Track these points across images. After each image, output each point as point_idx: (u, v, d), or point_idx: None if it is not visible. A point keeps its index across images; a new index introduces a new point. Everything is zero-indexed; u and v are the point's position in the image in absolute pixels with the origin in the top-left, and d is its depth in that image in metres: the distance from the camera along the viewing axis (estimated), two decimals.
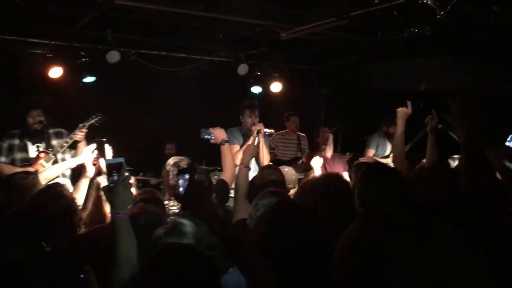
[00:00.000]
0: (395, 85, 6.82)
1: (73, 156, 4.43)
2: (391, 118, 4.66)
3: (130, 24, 5.28)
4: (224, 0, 4.61)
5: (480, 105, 2.35)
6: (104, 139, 3.42)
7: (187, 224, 1.97)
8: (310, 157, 5.08)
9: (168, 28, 5.47)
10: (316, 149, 5.97)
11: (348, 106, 6.87)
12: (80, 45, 5.69)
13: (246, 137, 4.80)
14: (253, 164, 4.41)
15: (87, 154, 3.56)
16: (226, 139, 3.53)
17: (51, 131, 4.61)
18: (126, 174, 2.06)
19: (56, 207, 2.64)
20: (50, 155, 4.50)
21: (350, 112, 6.65)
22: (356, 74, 7.01)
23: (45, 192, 2.81)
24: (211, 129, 3.66)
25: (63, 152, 4.55)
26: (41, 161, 4.50)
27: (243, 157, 3.18)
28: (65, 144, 4.48)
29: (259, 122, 4.59)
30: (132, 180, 2.39)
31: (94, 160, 3.47)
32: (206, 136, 3.63)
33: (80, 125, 4.49)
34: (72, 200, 2.75)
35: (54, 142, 4.59)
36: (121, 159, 2.03)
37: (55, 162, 4.47)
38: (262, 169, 3.82)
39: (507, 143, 3.68)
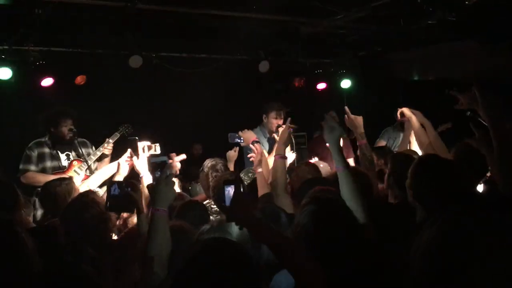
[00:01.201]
0: (419, 74, 6.69)
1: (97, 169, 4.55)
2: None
3: (151, 27, 5.27)
4: None
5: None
6: (137, 138, 3.44)
7: (233, 225, 1.98)
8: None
9: (186, 29, 5.45)
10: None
11: (373, 97, 6.76)
12: (101, 51, 5.68)
13: (271, 141, 4.71)
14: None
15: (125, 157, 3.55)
16: (257, 139, 3.60)
17: (78, 140, 4.63)
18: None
19: (90, 215, 2.65)
20: (83, 163, 4.57)
21: (375, 103, 6.55)
22: (381, 64, 6.88)
23: (78, 200, 2.82)
24: (239, 133, 3.73)
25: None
26: (74, 168, 4.57)
27: (278, 148, 3.13)
28: (93, 157, 4.60)
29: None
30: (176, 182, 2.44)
31: (128, 158, 3.48)
32: (236, 140, 3.72)
33: (108, 139, 4.64)
34: None
35: (82, 151, 4.63)
36: (164, 158, 2.16)
37: (89, 169, 4.53)
38: (298, 167, 3.60)
39: None
